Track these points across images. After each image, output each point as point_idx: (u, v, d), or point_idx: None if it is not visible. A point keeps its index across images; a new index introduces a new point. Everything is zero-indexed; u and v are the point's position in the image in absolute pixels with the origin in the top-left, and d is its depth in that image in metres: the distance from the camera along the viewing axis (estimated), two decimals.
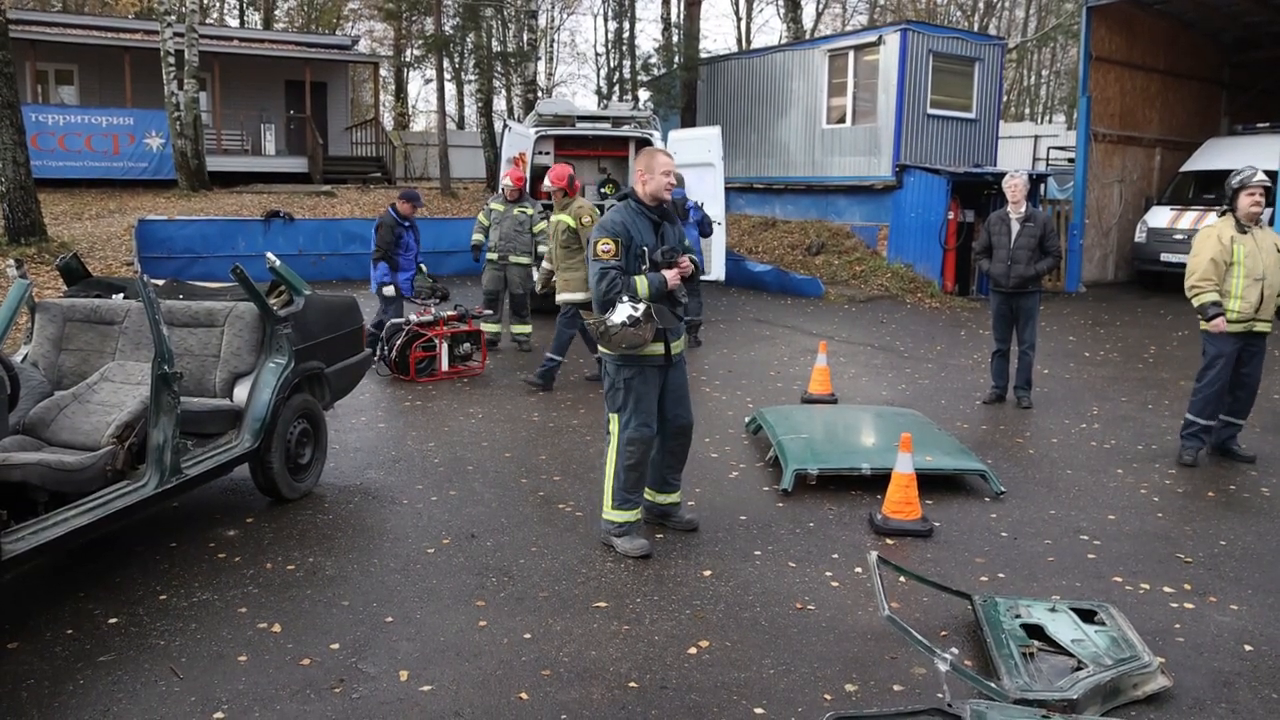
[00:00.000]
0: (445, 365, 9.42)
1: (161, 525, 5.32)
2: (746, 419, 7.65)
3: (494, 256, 10.77)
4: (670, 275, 4.90)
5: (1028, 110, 43.86)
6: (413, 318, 9.47)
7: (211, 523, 5.41)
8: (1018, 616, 4.06)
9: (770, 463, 6.59)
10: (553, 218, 8.83)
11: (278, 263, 5.70)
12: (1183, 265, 15.81)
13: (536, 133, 13.42)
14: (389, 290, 10.02)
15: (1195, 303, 6.81)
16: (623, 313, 4.72)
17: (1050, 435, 7.70)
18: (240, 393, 5.44)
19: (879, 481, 5.90)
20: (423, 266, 10.37)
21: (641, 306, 4.73)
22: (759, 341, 12.03)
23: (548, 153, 14.00)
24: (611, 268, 4.80)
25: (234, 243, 16.77)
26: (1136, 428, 7.97)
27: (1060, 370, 10.30)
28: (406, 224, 10.15)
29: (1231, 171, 6.94)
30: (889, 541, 5.26)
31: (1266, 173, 16.05)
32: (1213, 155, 17.48)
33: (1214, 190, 16.83)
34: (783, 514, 5.68)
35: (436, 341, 9.37)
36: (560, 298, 8.67)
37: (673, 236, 5.07)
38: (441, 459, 6.72)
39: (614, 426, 5.00)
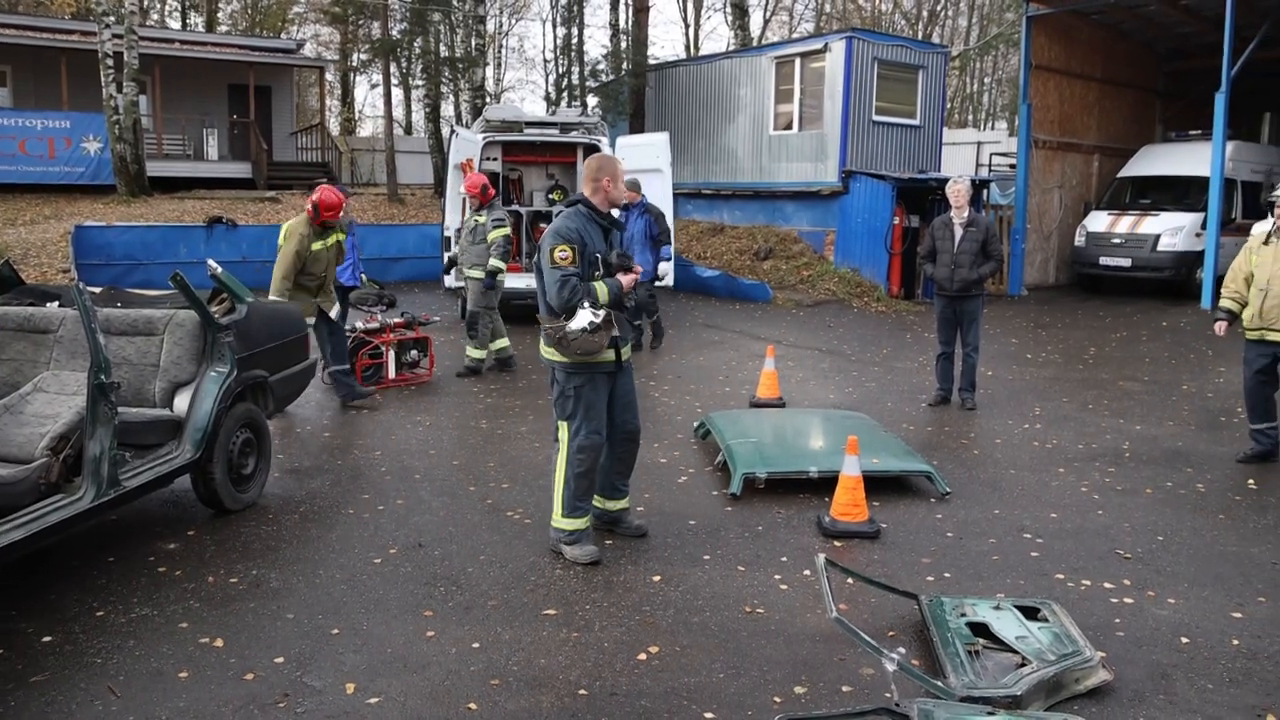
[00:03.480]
0: (392, 373, 9.32)
1: (99, 539, 5.20)
2: (695, 423, 7.67)
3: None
4: (625, 280, 4.91)
5: (970, 117, 44.60)
6: (358, 325, 9.36)
7: (151, 535, 5.29)
8: (963, 615, 4.12)
9: (719, 467, 6.61)
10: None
11: (219, 270, 5.61)
12: (1119, 269, 16.45)
13: (484, 138, 13.34)
14: None
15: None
16: (583, 319, 4.70)
17: (994, 436, 7.82)
18: (181, 402, 5.34)
19: (827, 484, 5.95)
20: (363, 276, 10.26)
21: (602, 313, 4.72)
22: (707, 346, 12.07)
23: (495, 158, 13.95)
24: (572, 274, 4.78)
25: (175, 249, 16.53)
26: (1077, 427, 8.13)
27: (1003, 372, 10.48)
28: None
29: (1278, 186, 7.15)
30: (837, 544, 5.31)
31: (1196, 179, 16.61)
32: (1148, 161, 17.94)
33: (1150, 195, 17.29)
34: (731, 518, 5.70)
35: (383, 349, 9.27)
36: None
37: (618, 243, 5.09)
38: (388, 468, 6.65)
39: (563, 434, 4.98)
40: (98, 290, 5.87)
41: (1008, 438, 7.76)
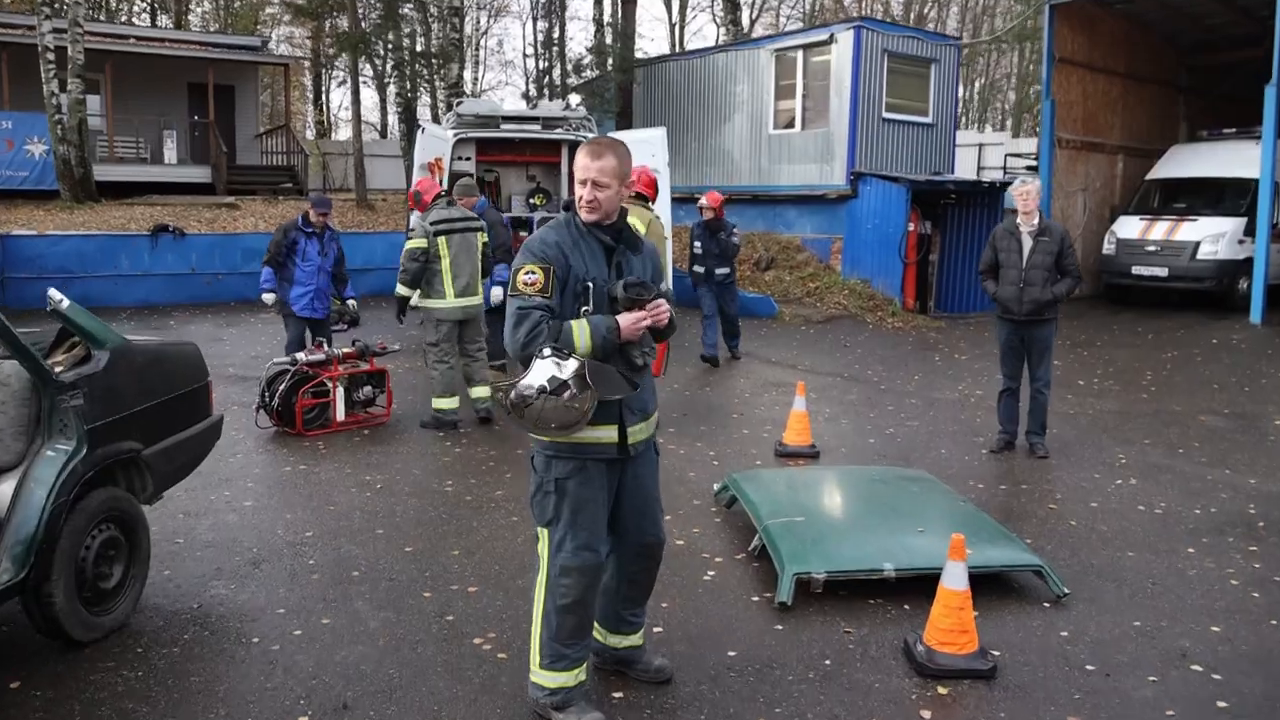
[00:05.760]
0: (341, 414, 7.71)
1: None
2: (716, 486, 6.10)
3: None
4: (628, 320, 3.29)
5: (965, 119, 43.40)
6: (300, 356, 7.77)
7: None
8: None
9: (756, 554, 5.04)
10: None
11: (65, 303, 3.97)
12: (1155, 279, 14.98)
13: (455, 135, 11.73)
14: (267, 298, 8.43)
15: None
16: (542, 373, 3.09)
17: (1085, 497, 6.29)
18: (3, 495, 3.74)
19: (904, 584, 4.44)
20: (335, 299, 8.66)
21: (571, 365, 3.09)
22: (713, 373, 10.53)
23: (468, 158, 12.34)
24: (535, 307, 3.21)
25: (116, 261, 15.17)
26: (1179, 481, 6.63)
27: (1060, 404, 8.95)
28: (310, 230, 8.37)
29: None
30: (941, 690, 3.75)
31: (1232, 181, 15.17)
32: (1178, 162, 16.54)
33: (1182, 199, 15.86)
34: (785, 643, 4.13)
35: (329, 385, 7.66)
36: None
37: (640, 270, 3.48)
38: (319, 559, 5.03)
39: (542, 546, 3.39)
40: None
41: (1103, 500, 6.23)
